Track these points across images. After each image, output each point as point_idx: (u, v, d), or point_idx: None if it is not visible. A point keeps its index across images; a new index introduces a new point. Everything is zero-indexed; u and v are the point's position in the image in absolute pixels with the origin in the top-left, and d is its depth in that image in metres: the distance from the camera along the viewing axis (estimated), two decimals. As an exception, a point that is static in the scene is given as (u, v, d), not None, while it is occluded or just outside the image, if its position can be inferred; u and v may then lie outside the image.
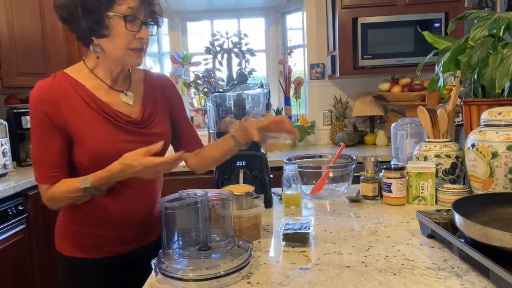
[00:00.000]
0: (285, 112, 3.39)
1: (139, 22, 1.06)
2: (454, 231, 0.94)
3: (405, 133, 1.71)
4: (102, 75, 1.15)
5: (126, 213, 1.18)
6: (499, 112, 1.18)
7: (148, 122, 1.19)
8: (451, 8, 2.74)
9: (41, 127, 1.08)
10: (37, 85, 1.10)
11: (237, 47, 3.30)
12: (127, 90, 1.18)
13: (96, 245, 1.19)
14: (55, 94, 1.08)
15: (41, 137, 1.08)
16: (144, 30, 1.08)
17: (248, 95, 1.49)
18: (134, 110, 1.17)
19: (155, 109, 1.22)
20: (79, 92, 1.10)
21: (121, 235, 1.20)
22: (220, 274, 0.83)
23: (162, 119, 1.23)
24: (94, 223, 1.18)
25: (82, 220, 1.18)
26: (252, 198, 1.11)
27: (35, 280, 2.32)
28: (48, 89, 1.08)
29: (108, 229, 1.18)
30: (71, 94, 1.09)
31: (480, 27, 1.28)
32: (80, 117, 1.08)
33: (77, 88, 1.10)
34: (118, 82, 1.17)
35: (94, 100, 1.11)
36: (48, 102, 1.07)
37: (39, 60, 2.76)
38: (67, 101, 1.08)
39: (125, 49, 1.07)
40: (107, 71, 1.15)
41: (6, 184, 2.15)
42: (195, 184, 1.28)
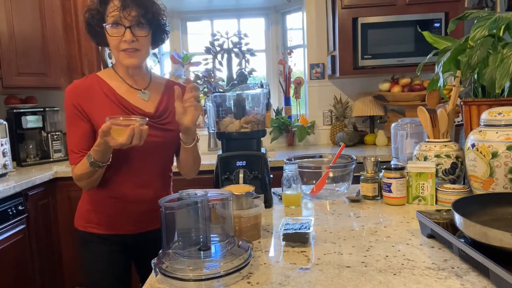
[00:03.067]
0: (285, 112, 3.39)
1: (123, 28, 1.25)
2: (454, 231, 0.94)
3: (405, 133, 1.71)
4: (122, 75, 1.38)
5: (133, 196, 1.35)
6: (499, 112, 1.18)
7: (161, 118, 1.37)
8: (451, 8, 2.74)
9: (70, 115, 1.31)
10: (72, 83, 1.34)
11: (237, 47, 3.30)
12: (145, 89, 1.38)
13: (106, 222, 1.37)
14: (82, 90, 1.31)
15: (70, 123, 1.31)
16: (128, 33, 1.25)
17: (248, 95, 1.49)
18: (149, 105, 1.37)
19: (169, 109, 1.38)
20: (103, 88, 1.33)
21: (129, 216, 1.37)
22: (220, 274, 0.83)
23: (175, 119, 1.31)
24: (105, 203, 1.36)
25: (93, 201, 1.39)
26: (252, 198, 1.11)
27: (35, 280, 2.32)
28: (76, 85, 1.33)
29: (117, 208, 1.36)
30: (96, 90, 1.32)
31: (480, 27, 1.28)
32: (101, 108, 1.29)
33: (102, 85, 1.34)
34: (137, 82, 1.38)
35: (114, 95, 1.33)
36: (75, 95, 1.30)
37: (39, 60, 2.76)
38: (91, 95, 1.31)
39: (117, 51, 1.29)
40: (123, 71, 1.37)
41: (6, 184, 2.15)
42: (195, 184, 1.28)
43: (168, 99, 1.40)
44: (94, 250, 1.40)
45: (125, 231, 1.39)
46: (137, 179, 1.36)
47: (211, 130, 3.15)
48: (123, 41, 1.26)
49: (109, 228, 1.38)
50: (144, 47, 1.31)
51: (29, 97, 2.96)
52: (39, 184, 2.39)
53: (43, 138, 2.91)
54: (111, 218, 1.37)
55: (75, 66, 2.91)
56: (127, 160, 1.33)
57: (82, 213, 1.42)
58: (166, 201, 0.92)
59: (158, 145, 1.35)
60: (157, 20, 1.32)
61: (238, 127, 1.45)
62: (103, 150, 1.20)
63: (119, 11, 1.24)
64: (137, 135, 1.14)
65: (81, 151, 1.29)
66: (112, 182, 1.34)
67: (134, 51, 1.28)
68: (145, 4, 1.27)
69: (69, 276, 2.62)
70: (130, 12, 1.24)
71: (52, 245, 2.53)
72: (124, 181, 1.35)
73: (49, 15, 2.80)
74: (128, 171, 1.34)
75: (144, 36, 1.29)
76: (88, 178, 1.28)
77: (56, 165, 2.80)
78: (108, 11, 1.26)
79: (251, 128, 1.45)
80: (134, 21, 1.26)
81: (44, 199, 2.47)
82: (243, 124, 1.46)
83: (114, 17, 1.25)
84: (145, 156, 1.34)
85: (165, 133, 1.36)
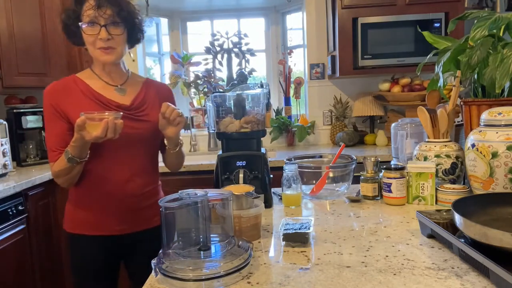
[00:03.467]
0: (285, 112, 3.39)
1: (98, 26, 1.30)
2: (454, 231, 0.94)
3: (405, 133, 1.71)
4: (98, 73, 1.42)
5: (113, 191, 1.38)
6: (499, 112, 1.18)
7: (137, 110, 1.40)
8: (451, 8, 2.74)
9: (48, 115, 1.35)
10: (49, 85, 1.38)
11: (237, 47, 3.30)
12: (121, 85, 1.43)
13: (92, 222, 1.39)
14: (59, 90, 1.36)
15: (48, 123, 1.36)
16: (104, 32, 1.30)
17: (248, 95, 1.49)
18: (125, 99, 1.41)
19: (146, 102, 1.44)
20: (79, 87, 1.38)
21: (112, 215, 1.39)
22: (220, 274, 0.83)
23: (153, 111, 1.42)
24: (89, 201, 1.39)
25: (77, 200, 1.42)
26: (252, 198, 1.11)
27: (35, 280, 2.32)
28: (54, 86, 1.38)
29: (97, 208, 1.39)
30: (73, 88, 1.37)
31: (480, 27, 1.28)
32: (78, 105, 1.33)
33: (79, 84, 1.38)
34: (114, 79, 1.43)
35: (90, 91, 1.37)
36: (52, 96, 1.35)
37: (39, 60, 2.76)
38: (69, 94, 1.36)
39: (93, 49, 1.34)
40: (100, 69, 1.42)
41: (6, 184, 2.15)
42: (195, 184, 1.28)
43: (146, 94, 1.45)
44: (82, 251, 1.42)
45: (112, 231, 1.40)
46: (120, 173, 1.38)
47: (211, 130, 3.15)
48: (99, 39, 1.31)
49: (95, 228, 1.39)
50: (120, 45, 1.35)
51: (29, 97, 2.96)
52: (39, 184, 2.39)
53: (43, 138, 2.91)
54: (96, 217, 1.39)
55: (75, 66, 2.90)
56: (110, 154, 1.36)
57: (68, 214, 1.45)
58: (166, 201, 0.92)
59: (137, 137, 1.39)
60: (132, 19, 1.36)
61: (238, 127, 1.45)
62: (80, 145, 1.24)
63: (95, 10, 1.28)
64: (111, 128, 1.19)
65: (58, 149, 1.33)
66: (95, 178, 1.37)
67: (109, 49, 1.33)
68: (120, 3, 1.32)
69: (69, 276, 2.62)
70: (105, 11, 1.29)
71: (52, 245, 2.53)
72: (108, 176, 1.37)
73: (49, 15, 2.80)
74: (111, 166, 1.37)
75: (119, 34, 1.33)
76: (66, 175, 1.32)
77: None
78: (83, 10, 1.31)
79: (251, 128, 1.45)
80: (109, 19, 1.30)
81: (44, 199, 2.47)
82: (243, 124, 1.46)
83: (89, 16, 1.29)
84: (126, 149, 1.37)
85: (142, 124, 1.40)
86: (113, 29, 1.31)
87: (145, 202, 1.44)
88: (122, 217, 1.40)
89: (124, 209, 1.40)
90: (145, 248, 1.46)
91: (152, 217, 1.46)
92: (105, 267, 1.46)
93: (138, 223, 1.43)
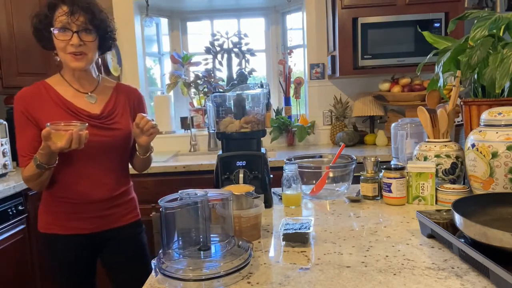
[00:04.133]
0: (285, 112, 3.39)
1: (70, 32, 1.31)
2: (454, 231, 0.94)
3: (405, 133, 1.71)
4: (68, 79, 1.43)
5: (85, 195, 1.40)
6: (499, 112, 1.18)
7: (107, 118, 1.43)
8: (451, 8, 2.73)
9: (18, 121, 1.38)
10: (19, 91, 1.39)
11: (237, 47, 3.30)
12: (92, 92, 1.44)
13: (64, 222, 1.42)
14: (29, 96, 1.38)
15: (18, 128, 1.38)
16: (75, 38, 1.31)
17: (248, 95, 1.49)
18: (95, 108, 1.43)
19: (117, 110, 1.46)
20: (50, 94, 1.39)
21: (83, 214, 1.42)
22: (220, 274, 0.83)
23: (123, 118, 1.46)
24: (59, 203, 1.42)
25: (51, 201, 1.44)
26: (252, 198, 1.11)
27: (35, 280, 2.32)
28: (24, 92, 1.39)
29: (72, 208, 1.41)
30: (43, 95, 1.38)
31: (480, 27, 1.28)
32: (48, 113, 1.35)
33: (49, 91, 1.39)
34: (84, 86, 1.44)
35: (61, 100, 1.38)
36: (22, 102, 1.37)
37: (39, 60, 2.76)
38: (39, 101, 1.37)
39: (64, 54, 1.34)
40: (70, 75, 1.43)
41: (6, 184, 2.15)
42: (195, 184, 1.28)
43: (116, 101, 1.47)
44: (56, 250, 1.45)
45: (83, 230, 1.43)
46: (90, 179, 1.40)
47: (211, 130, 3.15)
48: (70, 45, 1.32)
49: (67, 228, 1.42)
50: (91, 51, 1.37)
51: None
52: (39, 184, 2.38)
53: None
54: (68, 217, 1.42)
55: (75, 66, 2.90)
56: (79, 161, 1.39)
57: (41, 215, 1.48)
58: (166, 201, 0.92)
59: (107, 145, 1.41)
60: (104, 27, 1.39)
61: (238, 127, 1.45)
62: (47, 153, 1.26)
63: (67, 16, 1.30)
64: (76, 140, 1.21)
65: (28, 154, 1.35)
66: (65, 183, 1.40)
67: (80, 54, 1.34)
68: (93, 11, 1.35)
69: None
70: (78, 18, 1.31)
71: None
72: (77, 181, 1.40)
73: (49, 15, 2.80)
74: (80, 171, 1.39)
75: (91, 41, 1.35)
76: (36, 180, 1.34)
77: (56, 165, 2.80)
78: (56, 16, 1.32)
79: (251, 128, 1.46)
80: (81, 26, 1.32)
81: (44, 199, 2.47)
82: (243, 124, 1.46)
83: (62, 22, 1.31)
84: (95, 156, 1.40)
85: (112, 132, 1.42)
86: (85, 35, 1.33)
87: (116, 202, 1.48)
88: (93, 218, 1.44)
89: (95, 211, 1.43)
90: (119, 245, 1.50)
91: (124, 215, 1.51)
92: (81, 265, 1.48)
93: (109, 222, 1.47)
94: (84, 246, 1.46)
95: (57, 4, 1.33)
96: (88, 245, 1.47)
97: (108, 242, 1.50)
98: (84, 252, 1.47)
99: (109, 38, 1.44)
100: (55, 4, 1.33)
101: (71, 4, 1.31)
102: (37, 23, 1.36)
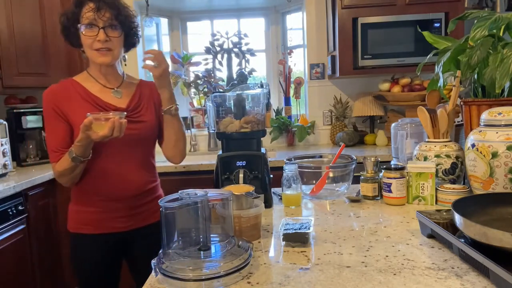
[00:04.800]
0: (285, 112, 3.39)
1: (97, 28, 1.34)
2: (454, 231, 0.94)
3: (405, 133, 1.71)
4: (95, 75, 1.46)
5: (113, 192, 1.41)
6: (499, 112, 1.18)
7: (134, 112, 1.45)
8: (451, 8, 2.74)
9: (48, 117, 1.40)
10: (48, 88, 1.42)
11: (237, 47, 3.30)
12: (117, 88, 1.47)
13: (94, 221, 1.43)
14: (58, 93, 1.40)
15: (49, 125, 1.40)
16: (102, 33, 1.34)
17: (248, 95, 1.49)
18: (121, 102, 1.45)
19: (142, 103, 1.49)
20: (78, 90, 1.42)
21: (113, 213, 1.43)
22: (220, 274, 0.83)
23: (148, 111, 1.49)
24: (89, 202, 1.43)
25: (80, 200, 1.45)
26: (252, 198, 1.11)
27: (35, 280, 2.32)
28: (53, 89, 1.41)
29: (100, 206, 1.42)
30: (71, 92, 1.41)
31: (480, 27, 1.28)
32: (77, 108, 1.38)
33: (77, 87, 1.42)
34: (110, 82, 1.47)
35: (89, 95, 1.41)
36: (52, 99, 1.39)
37: (39, 60, 2.76)
38: (67, 97, 1.40)
39: (90, 50, 1.37)
40: (97, 71, 1.46)
41: (6, 184, 2.15)
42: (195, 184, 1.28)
43: (141, 95, 1.50)
44: (85, 250, 1.46)
45: (114, 229, 1.44)
46: (117, 175, 1.42)
47: (211, 130, 3.15)
48: (97, 41, 1.35)
49: (98, 227, 1.43)
50: (116, 47, 1.39)
51: (29, 97, 2.96)
52: (39, 184, 2.39)
53: (43, 138, 2.91)
54: (98, 216, 1.43)
55: (75, 66, 2.90)
56: (107, 156, 1.40)
57: (71, 214, 1.48)
58: (166, 201, 0.92)
59: (134, 137, 1.42)
60: (129, 23, 1.42)
61: (238, 127, 1.45)
62: (84, 145, 1.28)
63: (94, 12, 1.33)
64: (117, 127, 1.24)
65: (60, 149, 1.37)
66: (94, 180, 1.41)
67: (106, 50, 1.37)
68: (118, 7, 1.38)
69: (69, 276, 2.62)
70: (104, 14, 1.34)
71: (52, 245, 2.53)
72: (105, 178, 1.41)
73: (49, 15, 2.80)
74: (108, 168, 1.41)
75: (116, 36, 1.38)
76: (69, 174, 1.36)
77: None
78: (83, 13, 1.35)
79: (251, 128, 1.46)
80: (107, 22, 1.35)
81: (44, 199, 2.47)
82: (243, 124, 1.46)
83: (88, 18, 1.34)
84: (123, 150, 1.41)
85: (139, 125, 1.44)
86: (111, 31, 1.36)
87: (145, 199, 1.49)
88: (123, 215, 1.44)
89: (124, 207, 1.44)
90: (146, 243, 1.50)
91: (152, 213, 1.51)
92: (108, 266, 1.48)
93: (138, 219, 1.48)
94: (112, 245, 1.47)
95: (83, 1, 1.35)
96: (116, 244, 1.47)
97: (137, 241, 1.50)
98: (112, 252, 1.48)
99: (134, 35, 1.47)
100: (82, 2, 1.35)
101: (97, 0, 1.34)
102: (64, 21, 1.39)
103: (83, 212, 1.45)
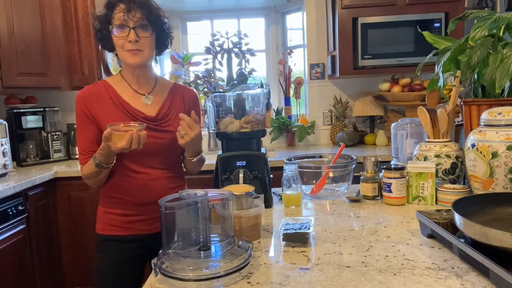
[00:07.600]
0: (285, 112, 3.39)
1: (128, 29, 1.33)
2: (454, 231, 0.94)
3: (405, 133, 1.71)
4: (128, 79, 1.44)
5: (142, 195, 1.40)
6: (499, 112, 1.18)
7: (162, 121, 1.43)
8: (451, 8, 2.74)
9: (79, 119, 1.40)
10: (81, 89, 1.42)
11: (237, 47, 3.30)
12: (149, 93, 1.45)
13: (120, 223, 1.42)
14: (90, 95, 1.40)
15: (79, 127, 1.40)
16: (132, 34, 1.32)
17: (248, 95, 1.49)
18: (151, 109, 1.43)
19: (171, 112, 1.45)
20: (110, 94, 1.41)
21: (141, 215, 1.42)
22: (220, 274, 0.83)
23: (175, 122, 1.42)
24: (116, 204, 1.42)
25: (107, 202, 1.44)
26: (252, 198, 1.11)
27: (35, 280, 2.32)
28: (86, 91, 1.41)
29: (129, 209, 1.41)
30: (103, 95, 1.40)
31: (480, 27, 1.28)
32: (107, 114, 1.38)
33: (109, 91, 1.41)
34: (142, 86, 1.45)
35: (120, 101, 1.40)
36: (84, 101, 1.39)
37: (39, 60, 2.76)
38: (99, 101, 1.39)
39: (122, 51, 1.36)
40: (129, 73, 1.44)
41: (6, 184, 2.15)
42: (195, 184, 1.29)
43: (171, 103, 1.47)
44: (109, 251, 1.44)
45: (140, 231, 1.43)
46: (143, 180, 1.40)
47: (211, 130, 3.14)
48: (128, 42, 1.33)
49: (124, 229, 1.42)
50: (147, 48, 1.37)
51: (29, 97, 2.96)
52: (39, 184, 2.39)
53: (43, 138, 2.91)
54: (124, 219, 1.42)
55: (75, 66, 2.91)
56: (132, 162, 1.39)
57: (99, 215, 1.48)
58: (166, 201, 0.92)
59: (160, 147, 1.41)
60: (160, 23, 1.39)
61: (238, 127, 1.45)
62: (107, 153, 1.28)
63: (125, 13, 1.32)
64: (135, 140, 1.22)
65: (87, 152, 1.38)
66: (120, 184, 1.40)
67: (137, 51, 1.35)
68: (149, 7, 1.36)
69: (69, 276, 2.62)
70: (135, 14, 1.32)
71: (52, 245, 2.53)
72: (131, 182, 1.40)
73: (49, 15, 2.80)
74: (133, 173, 1.39)
75: (147, 36, 1.35)
76: (94, 177, 1.37)
77: (56, 165, 2.80)
78: (114, 14, 1.35)
79: (251, 128, 1.46)
80: (138, 22, 1.33)
81: (44, 199, 2.47)
82: (243, 124, 1.46)
83: (119, 19, 1.33)
84: (149, 157, 1.40)
85: (166, 134, 1.42)
86: (141, 31, 1.34)
87: None
88: (150, 220, 1.43)
89: (151, 212, 1.42)
90: None
91: None
92: (132, 268, 1.46)
93: None
94: (138, 248, 1.44)
95: (115, 3, 1.35)
96: (142, 247, 1.45)
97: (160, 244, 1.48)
98: (136, 255, 1.45)
99: (166, 35, 1.45)
100: (114, 3, 1.35)
101: (128, 1, 1.33)
102: (97, 24, 1.39)
103: (109, 214, 1.44)
